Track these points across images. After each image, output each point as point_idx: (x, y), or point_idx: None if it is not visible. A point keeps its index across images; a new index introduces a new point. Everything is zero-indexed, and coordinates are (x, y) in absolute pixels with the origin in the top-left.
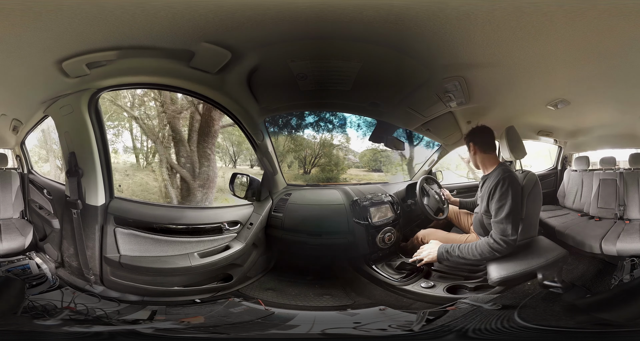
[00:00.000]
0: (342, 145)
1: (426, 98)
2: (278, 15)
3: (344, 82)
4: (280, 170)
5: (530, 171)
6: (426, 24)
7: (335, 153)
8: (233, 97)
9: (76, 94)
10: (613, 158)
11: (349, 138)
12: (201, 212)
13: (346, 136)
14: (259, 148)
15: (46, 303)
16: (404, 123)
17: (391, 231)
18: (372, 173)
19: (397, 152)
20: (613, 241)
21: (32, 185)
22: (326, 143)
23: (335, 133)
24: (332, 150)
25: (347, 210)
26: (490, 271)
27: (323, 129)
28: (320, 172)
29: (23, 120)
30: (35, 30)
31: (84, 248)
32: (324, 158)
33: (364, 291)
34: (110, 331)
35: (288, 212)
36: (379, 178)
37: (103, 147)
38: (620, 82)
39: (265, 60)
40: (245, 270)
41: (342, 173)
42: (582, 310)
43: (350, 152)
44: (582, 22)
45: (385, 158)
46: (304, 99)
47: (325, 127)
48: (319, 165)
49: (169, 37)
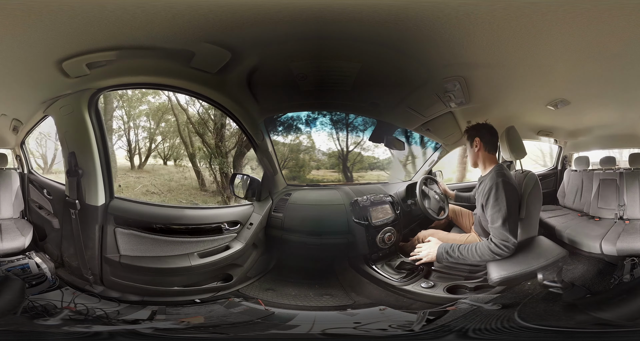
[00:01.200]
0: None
1: (426, 98)
2: (278, 15)
3: (344, 82)
4: (280, 170)
5: (530, 171)
6: (426, 24)
7: (302, 157)
8: (233, 97)
9: (76, 94)
10: (613, 158)
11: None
12: (201, 212)
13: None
14: (259, 148)
15: (46, 303)
16: (404, 123)
17: (391, 231)
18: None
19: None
20: (613, 241)
21: (32, 185)
22: (294, 148)
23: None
24: (299, 155)
25: (347, 210)
26: (490, 271)
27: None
28: (288, 172)
29: (23, 120)
30: (36, 30)
31: (83, 248)
32: (292, 161)
33: (364, 291)
34: (110, 331)
35: (288, 212)
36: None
37: (103, 147)
38: (620, 82)
39: (265, 60)
40: (245, 270)
41: (307, 174)
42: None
43: (319, 153)
44: (582, 22)
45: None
46: (304, 99)
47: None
48: (287, 167)
49: (169, 37)
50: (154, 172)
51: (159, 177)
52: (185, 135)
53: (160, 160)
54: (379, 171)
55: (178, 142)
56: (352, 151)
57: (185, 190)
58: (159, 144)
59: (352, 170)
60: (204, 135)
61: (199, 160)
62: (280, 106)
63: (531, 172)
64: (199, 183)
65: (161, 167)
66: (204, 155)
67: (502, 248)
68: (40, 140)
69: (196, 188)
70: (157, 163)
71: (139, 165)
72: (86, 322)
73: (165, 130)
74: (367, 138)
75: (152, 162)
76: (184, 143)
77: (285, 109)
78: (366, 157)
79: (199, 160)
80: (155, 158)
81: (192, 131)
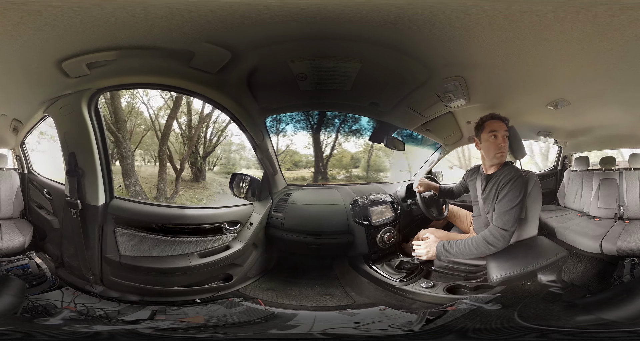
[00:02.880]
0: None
1: (426, 98)
2: (278, 15)
3: (344, 82)
4: (280, 170)
5: (530, 171)
6: (426, 24)
7: (232, 156)
8: (233, 97)
9: (76, 94)
10: (613, 158)
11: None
12: (201, 212)
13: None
14: (259, 148)
15: (46, 303)
16: (404, 123)
17: (391, 231)
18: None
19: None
20: (613, 241)
21: (32, 185)
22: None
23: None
24: (230, 154)
25: (347, 210)
26: (491, 271)
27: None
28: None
29: (23, 120)
30: (35, 30)
31: (84, 248)
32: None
33: (364, 291)
34: (110, 331)
35: (288, 212)
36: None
37: (103, 147)
38: (621, 82)
39: (265, 60)
40: (245, 270)
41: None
42: (582, 310)
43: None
44: (582, 22)
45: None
46: (304, 99)
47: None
48: (220, 164)
49: (169, 37)
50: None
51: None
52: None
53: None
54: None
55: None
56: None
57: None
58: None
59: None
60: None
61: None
62: (280, 106)
63: (531, 172)
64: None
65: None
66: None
67: (498, 237)
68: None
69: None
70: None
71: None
72: (86, 322)
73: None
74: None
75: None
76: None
77: (285, 109)
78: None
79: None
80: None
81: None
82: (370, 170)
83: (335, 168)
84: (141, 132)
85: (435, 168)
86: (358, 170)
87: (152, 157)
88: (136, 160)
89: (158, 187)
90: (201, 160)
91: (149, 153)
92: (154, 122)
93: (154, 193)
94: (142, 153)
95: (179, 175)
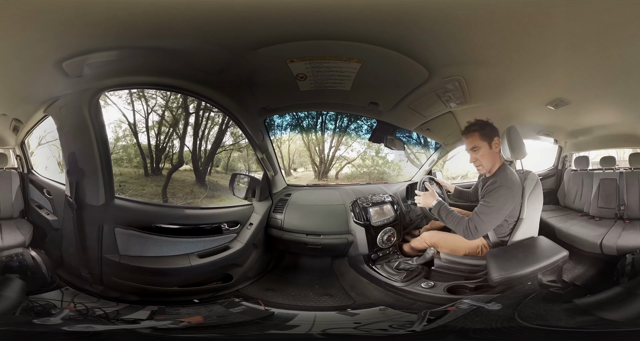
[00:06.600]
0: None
1: (426, 98)
2: (278, 15)
3: (344, 82)
4: (280, 170)
5: (531, 171)
6: (426, 24)
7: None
8: (233, 97)
9: (76, 94)
10: (613, 158)
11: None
12: (201, 212)
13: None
14: (259, 148)
15: (46, 303)
16: (404, 123)
17: (391, 231)
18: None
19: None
20: (613, 241)
21: (32, 184)
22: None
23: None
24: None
25: (347, 210)
26: (491, 271)
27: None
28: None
29: (23, 120)
30: (36, 30)
31: (83, 248)
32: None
33: (364, 291)
34: (110, 331)
35: (288, 212)
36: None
37: (103, 147)
38: (621, 82)
39: (265, 60)
40: (245, 270)
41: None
42: (582, 310)
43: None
44: (581, 22)
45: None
46: (304, 99)
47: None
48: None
49: (169, 37)
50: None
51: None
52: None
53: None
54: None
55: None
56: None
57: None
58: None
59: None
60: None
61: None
62: (280, 106)
63: (532, 172)
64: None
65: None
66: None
67: (472, 232)
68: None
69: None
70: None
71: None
72: (86, 322)
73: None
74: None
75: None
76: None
77: (285, 109)
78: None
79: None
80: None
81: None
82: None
83: (335, 168)
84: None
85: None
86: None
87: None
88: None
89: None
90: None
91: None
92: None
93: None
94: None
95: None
